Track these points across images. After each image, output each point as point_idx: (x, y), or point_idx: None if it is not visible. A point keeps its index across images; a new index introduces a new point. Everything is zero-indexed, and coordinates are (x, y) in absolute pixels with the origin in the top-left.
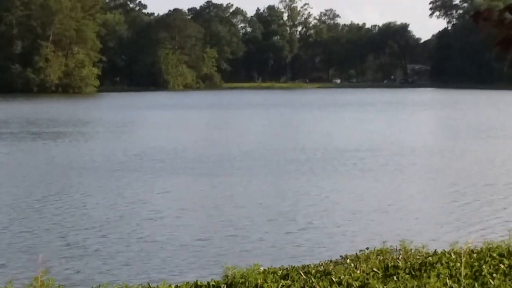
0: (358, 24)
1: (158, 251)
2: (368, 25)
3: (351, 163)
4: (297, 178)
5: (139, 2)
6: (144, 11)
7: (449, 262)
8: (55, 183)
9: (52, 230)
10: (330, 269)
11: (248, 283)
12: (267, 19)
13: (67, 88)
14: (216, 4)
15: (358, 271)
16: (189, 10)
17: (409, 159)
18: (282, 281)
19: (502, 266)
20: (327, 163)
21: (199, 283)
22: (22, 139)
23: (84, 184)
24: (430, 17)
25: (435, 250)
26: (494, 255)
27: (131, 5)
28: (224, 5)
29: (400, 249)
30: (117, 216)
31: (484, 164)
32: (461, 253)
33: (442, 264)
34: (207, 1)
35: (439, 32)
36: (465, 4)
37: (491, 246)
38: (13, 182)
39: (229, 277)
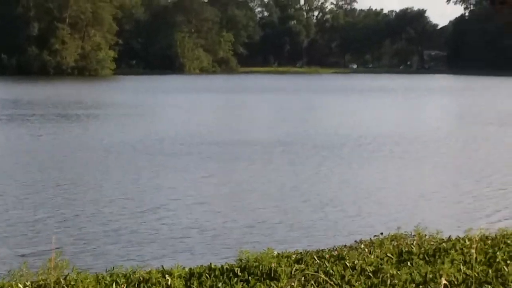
0: (375, 10)
1: (175, 235)
2: (385, 11)
3: (372, 150)
4: (316, 165)
5: None
6: None
7: (463, 248)
8: (79, 165)
9: (71, 212)
10: (344, 254)
11: (261, 267)
12: (283, 3)
13: (83, 70)
14: None
15: (372, 256)
16: None
17: (430, 146)
18: (296, 265)
19: None
20: (348, 150)
21: (213, 266)
22: (49, 121)
23: (106, 167)
24: (447, 3)
25: (449, 236)
26: (509, 242)
27: None
28: None
29: (414, 235)
30: (137, 200)
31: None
32: (475, 239)
33: (456, 250)
34: None
35: (456, 19)
36: None
37: (505, 233)
38: (41, 164)
39: (243, 261)
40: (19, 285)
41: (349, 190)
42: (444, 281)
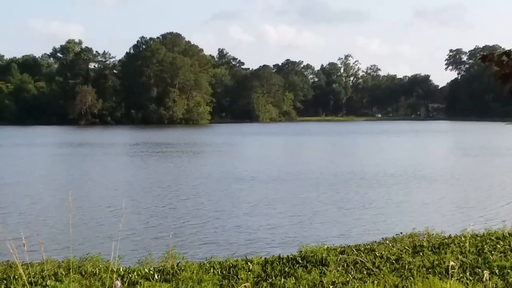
0: (394, 75)
1: (255, 234)
2: (400, 76)
3: (399, 175)
4: (356, 187)
5: (239, 60)
6: (242, 66)
7: (460, 243)
8: (191, 185)
9: (182, 218)
10: (374, 247)
11: (316, 256)
12: (328, 72)
13: (188, 121)
14: (292, 61)
15: (395, 249)
16: (273, 65)
17: (434, 172)
18: (340, 255)
19: (499, 246)
20: (380, 176)
21: (281, 256)
22: (174, 155)
23: (208, 187)
24: (446, 70)
25: (450, 234)
26: (493, 238)
27: (233, 62)
28: (298, 62)
29: (425, 234)
30: (229, 210)
31: (490, 175)
32: (468, 236)
33: (455, 244)
34: (287, 59)
35: (452, 81)
36: (471, 61)
37: (490, 231)
38: (168, 184)
39: (302, 252)
40: (146, 269)
41: (380, 203)
42: (451, 263)
